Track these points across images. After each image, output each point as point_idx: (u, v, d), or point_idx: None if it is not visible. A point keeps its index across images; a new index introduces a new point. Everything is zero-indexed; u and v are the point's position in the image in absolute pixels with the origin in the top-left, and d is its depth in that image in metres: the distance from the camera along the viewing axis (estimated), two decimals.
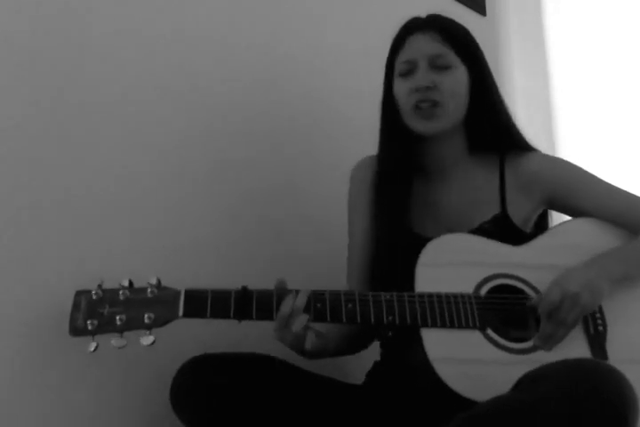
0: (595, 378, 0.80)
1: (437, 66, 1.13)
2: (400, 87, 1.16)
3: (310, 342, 1.01)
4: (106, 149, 1.17)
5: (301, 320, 0.98)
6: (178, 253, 1.24)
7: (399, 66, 1.16)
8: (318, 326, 1.05)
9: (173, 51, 1.30)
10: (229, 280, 1.14)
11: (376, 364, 1.23)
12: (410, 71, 1.15)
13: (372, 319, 1.01)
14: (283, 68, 1.52)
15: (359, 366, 1.25)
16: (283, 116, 1.50)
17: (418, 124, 1.15)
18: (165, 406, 1.02)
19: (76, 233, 1.10)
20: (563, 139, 2.30)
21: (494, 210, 1.17)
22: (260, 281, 1.04)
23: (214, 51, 1.38)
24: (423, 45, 1.14)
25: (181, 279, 1.10)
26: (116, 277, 1.00)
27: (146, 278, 1.00)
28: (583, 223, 1.16)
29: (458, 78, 1.15)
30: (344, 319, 1.01)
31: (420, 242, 1.09)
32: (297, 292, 1.00)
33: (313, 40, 1.61)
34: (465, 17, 2.22)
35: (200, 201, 1.30)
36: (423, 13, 1.21)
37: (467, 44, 1.18)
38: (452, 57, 1.14)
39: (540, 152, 1.22)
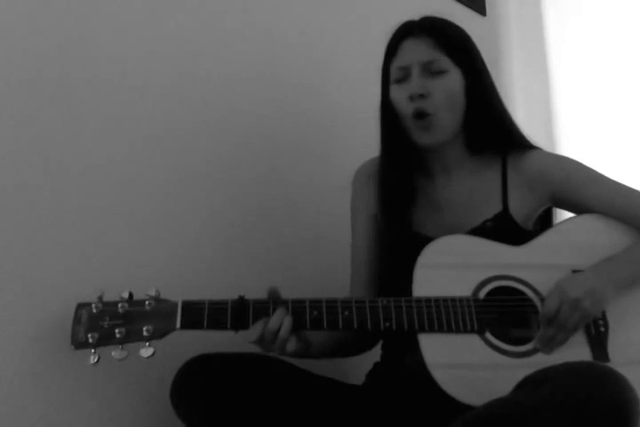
0: (596, 381, 0.80)
1: (431, 71, 1.13)
2: (396, 94, 1.16)
3: (292, 346, 1.01)
4: (107, 155, 1.17)
5: (291, 343, 1.00)
6: (178, 261, 1.24)
7: (394, 72, 1.16)
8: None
9: (173, 51, 1.30)
10: (229, 285, 1.15)
11: (376, 365, 1.23)
12: (404, 78, 1.15)
13: (370, 326, 1.01)
14: (285, 68, 1.52)
15: (359, 366, 1.25)
16: (284, 122, 1.50)
17: (417, 137, 1.16)
18: (166, 406, 1.02)
19: (76, 240, 1.11)
20: (563, 138, 2.30)
21: (496, 208, 1.17)
22: (261, 287, 1.04)
23: (214, 51, 1.38)
24: (416, 51, 1.14)
25: (181, 287, 1.11)
26: (116, 288, 1.01)
27: (145, 287, 1.01)
28: (587, 220, 1.14)
29: (452, 83, 1.14)
30: (340, 327, 1.01)
31: (422, 241, 1.09)
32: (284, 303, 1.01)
33: (314, 40, 1.61)
34: (465, 17, 2.24)
35: (200, 210, 1.30)
36: (423, 12, 1.21)
37: (461, 48, 1.17)
38: (445, 62, 1.14)
39: (542, 150, 1.21)
